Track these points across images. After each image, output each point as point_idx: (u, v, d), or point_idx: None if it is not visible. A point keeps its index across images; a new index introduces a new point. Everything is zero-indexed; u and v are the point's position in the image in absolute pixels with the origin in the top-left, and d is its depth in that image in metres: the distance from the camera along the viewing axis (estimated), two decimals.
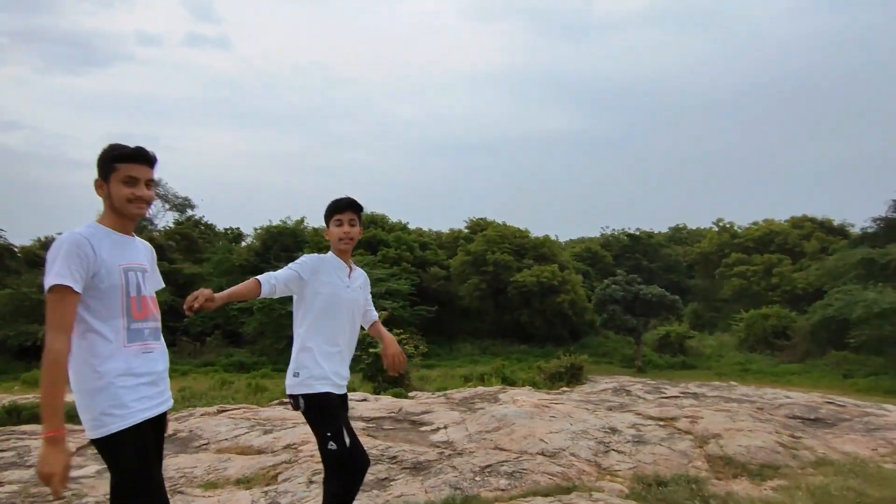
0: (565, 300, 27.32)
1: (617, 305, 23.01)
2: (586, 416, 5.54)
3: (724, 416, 6.05)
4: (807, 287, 27.04)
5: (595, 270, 37.23)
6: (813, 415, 7.03)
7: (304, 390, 2.48)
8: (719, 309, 32.79)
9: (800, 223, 34.43)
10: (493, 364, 17.64)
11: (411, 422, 5.68)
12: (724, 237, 36.57)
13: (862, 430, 6.32)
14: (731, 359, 24.29)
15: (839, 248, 29.57)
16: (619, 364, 24.48)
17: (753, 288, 30.14)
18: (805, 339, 22.86)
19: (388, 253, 31.47)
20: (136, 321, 1.90)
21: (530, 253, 30.68)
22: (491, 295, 29.71)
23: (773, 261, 30.82)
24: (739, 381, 15.72)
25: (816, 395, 9.56)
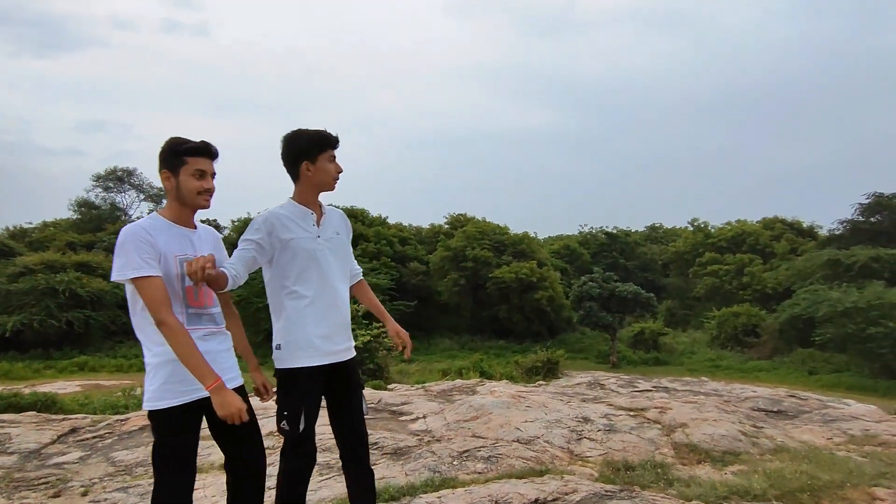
0: (543, 297, 27.70)
1: (594, 302, 23.44)
2: (560, 407, 5.75)
3: (691, 407, 6.32)
4: (776, 287, 27.85)
5: (573, 268, 37.75)
6: (776, 407, 7.35)
7: (282, 364, 2.23)
8: (692, 307, 33.56)
9: (771, 224, 35.41)
10: (472, 359, 17.87)
11: (391, 412, 5.82)
12: (698, 237, 37.40)
13: (819, 421, 6.65)
14: (702, 355, 24.95)
15: (807, 249, 30.52)
16: (595, 360, 24.97)
17: (725, 287, 30.93)
18: (773, 336, 23.60)
19: (367, 247, 31.47)
20: (194, 307, 2.01)
21: (509, 249, 30.99)
22: (470, 291, 29.95)
23: (744, 260, 31.65)
24: (710, 376, 16.20)
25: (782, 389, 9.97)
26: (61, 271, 25.28)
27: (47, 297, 23.94)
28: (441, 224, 38.57)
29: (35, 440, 4.82)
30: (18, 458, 4.31)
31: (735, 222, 36.93)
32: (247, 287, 26.58)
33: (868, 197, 28.82)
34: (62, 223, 34.58)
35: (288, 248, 2.19)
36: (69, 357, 22.52)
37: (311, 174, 2.23)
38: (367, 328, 12.71)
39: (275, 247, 2.18)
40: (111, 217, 35.02)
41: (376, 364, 12.11)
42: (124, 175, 36.48)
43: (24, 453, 4.48)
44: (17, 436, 4.88)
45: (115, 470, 3.96)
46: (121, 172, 36.58)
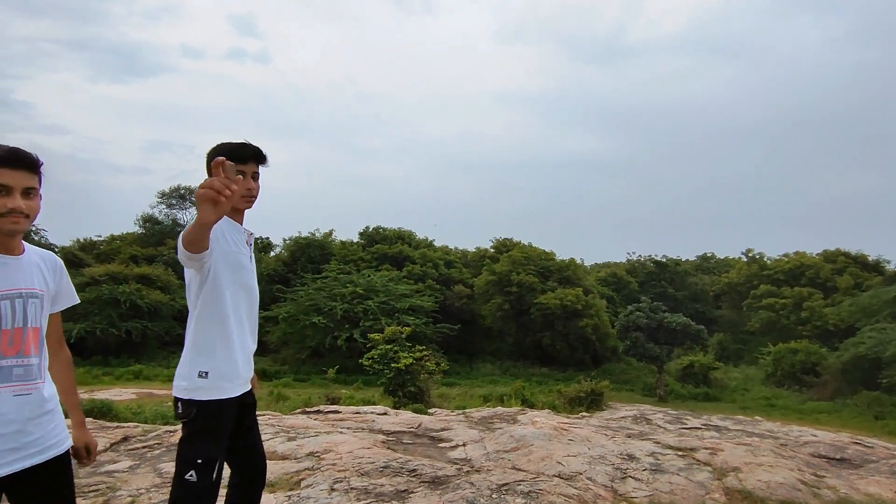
0: (588, 325, 27.09)
1: (640, 332, 22.73)
2: (605, 442, 5.57)
3: (744, 449, 5.99)
4: (838, 323, 26.29)
5: (620, 296, 36.84)
6: (839, 454, 6.88)
7: (211, 395, 1.95)
8: (746, 341, 32.04)
9: (832, 257, 33.57)
10: (513, 385, 17.58)
11: (430, 437, 5.78)
12: (752, 268, 35.85)
13: (888, 472, 6.18)
14: (756, 393, 23.67)
15: (873, 284, 28.73)
16: (641, 392, 24.09)
17: (782, 321, 29.41)
18: (835, 376, 22.17)
19: (413, 269, 31.76)
20: (5, 357, 1.57)
21: (555, 275, 30.59)
22: (514, 316, 29.63)
23: (803, 294, 30.07)
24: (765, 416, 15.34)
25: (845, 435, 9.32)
26: (123, 283, 26.67)
27: (110, 307, 25.27)
28: (487, 248, 38.56)
29: None
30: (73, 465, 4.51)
31: (793, 254, 35.23)
32: (294, 304, 27.26)
33: None
34: (127, 237, 36.56)
35: (228, 262, 2.01)
36: (126, 365, 23.60)
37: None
38: (410, 351, 12.73)
39: (215, 249, 1.91)
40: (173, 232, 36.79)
41: (417, 387, 12.09)
42: (186, 192, 38.35)
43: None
44: None
45: (162, 481, 4.08)
46: (183, 190, 38.49)
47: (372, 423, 6.32)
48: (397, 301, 27.06)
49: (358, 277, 28.99)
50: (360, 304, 26.17)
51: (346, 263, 32.73)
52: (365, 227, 38.57)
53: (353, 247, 36.15)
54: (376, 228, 38.37)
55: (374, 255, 34.32)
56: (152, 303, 26.49)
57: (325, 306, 26.08)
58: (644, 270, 41.56)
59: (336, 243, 37.51)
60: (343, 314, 25.58)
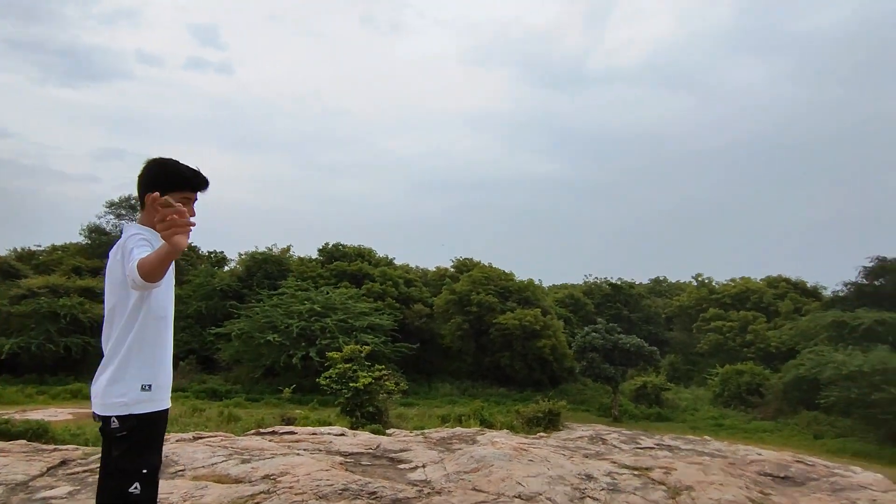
0: (546, 345, 27.42)
1: (596, 353, 23.17)
2: (563, 462, 5.62)
3: (697, 468, 6.17)
4: (780, 346, 27.55)
5: (577, 317, 37.51)
6: (783, 473, 7.14)
7: (154, 407, 1.93)
8: (696, 362, 33.11)
9: (775, 283, 35.32)
10: (472, 405, 17.55)
11: (389, 459, 5.71)
12: (702, 292, 37.28)
13: (828, 490, 6.45)
14: (705, 413, 24.42)
15: (812, 309, 30.33)
16: (596, 412, 24.46)
17: (729, 344, 30.60)
18: (778, 397, 23.16)
19: (373, 287, 31.48)
20: None
21: (514, 296, 30.91)
22: (473, 336, 29.70)
23: (748, 318, 31.43)
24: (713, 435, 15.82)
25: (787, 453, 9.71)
26: (65, 295, 25.31)
27: (48, 321, 23.90)
28: (447, 267, 38.66)
29: (23, 471, 4.71)
30: (5, 491, 4.22)
31: (739, 279, 36.87)
32: (248, 321, 26.47)
33: (872, 260, 28.86)
34: (70, 247, 34.84)
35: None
36: (63, 383, 22.30)
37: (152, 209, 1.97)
38: (369, 370, 12.51)
39: None
40: None
41: (376, 407, 11.87)
42: (137, 203, 36.90)
43: (12, 485, 4.38)
44: (5, 466, 4.79)
45: None
46: (134, 200, 37.09)
47: (329, 444, 6.19)
48: (356, 319, 26.70)
49: (316, 294, 28.50)
50: (317, 321, 25.68)
51: (304, 280, 32.13)
52: (324, 244, 38.08)
53: (312, 263, 35.59)
54: (336, 245, 37.93)
55: (333, 272, 33.86)
56: (95, 317, 25.21)
57: (280, 324, 25.44)
58: (600, 292, 42.52)
59: (294, 259, 36.82)
60: (299, 332, 25.03)
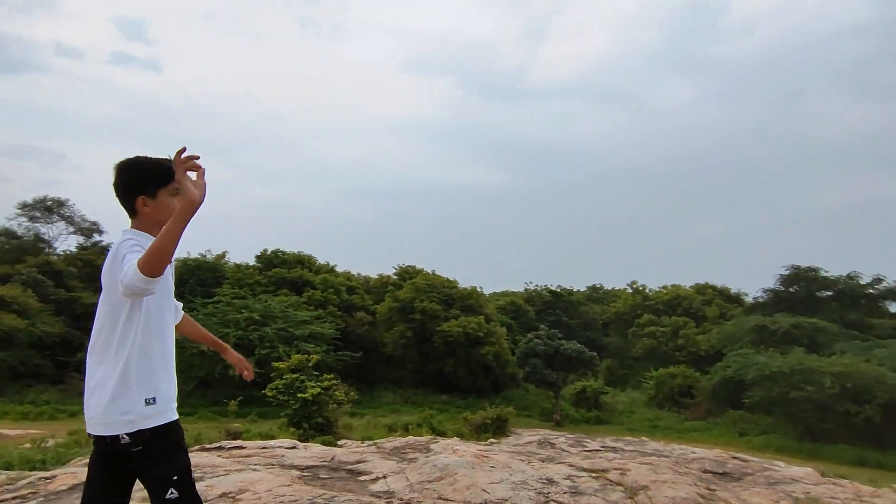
0: (490, 352, 27.68)
1: (539, 359, 23.62)
2: (523, 467, 5.65)
3: (647, 468, 6.36)
4: (708, 349, 29.13)
5: (518, 324, 38.13)
6: (721, 469, 7.51)
7: (158, 421, 1.84)
8: (631, 366, 34.45)
9: (703, 290, 37.43)
10: (420, 414, 17.41)
11: (348, 471, 5.53)
12: (637, 299, 38.91)
13: (764, 483, 6.83)
14: (641, 415, 25.40)
15: (735, 314, 32.34)
16: (538, 417, 24.90)
17: (662, 348, 32.06)
18: (707, 397, 24.45)
19: (314, 295, 30.72)
20: None
21: (457, 303, 31.03)
22: (416, 343, 29.55)
23: (679, 323, 33.08)
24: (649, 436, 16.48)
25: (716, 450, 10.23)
26: None
27: None
28: (390, 275, 38.34)
29: None
30: None
31: (670, 286, 38.80)
32: None
33: (787, 269, 31.19)
34: None
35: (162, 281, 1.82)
36: None
37: (150, 211, 1.91)
38: (318, 379, 12.11)
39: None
40: (34, 249, 32.62)
41: (325, 418, 11.48)
42: (54, 205, 34.33)
43: None
44: None
45: None
46: (50, 202, 34.45)
47: (282, 458, 5.93)
48: (296, 328, 25.93)
49: (254, 302, 27.47)
50: (255, 330, 24.74)
51: (241, 287, 30.93)
52: (263, 251, 36.82)
53: (249, 270, 34.32)
54: (275, 251, 36.77)
55: (272, 280, 32.79)
56: (6, 329, 23.14)
57: (216, 333, 24.28)
58: (540, 299, 43.47)
59: (230, 266, 35.40)
60: (237, 341, 23.98)
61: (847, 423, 18.21)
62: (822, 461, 16.16)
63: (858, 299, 29.43)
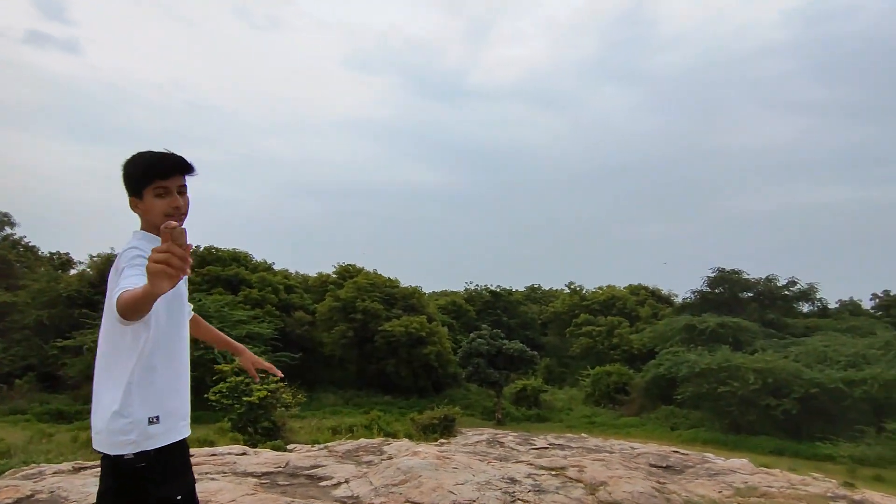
0: (432, 352, 27.66)
1: (482, 359, 23.85)
2: (485, 467, 5.64)
3: (601, 465, 6.51)
4: (641, 348, 30.44)
5: (459, 323, 38.36)
6: (665, 463, 7.82)
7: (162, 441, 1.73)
8: (568, 365, 35.46)
9: (636, 290, 39.11)
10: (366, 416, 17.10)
11: (307, 476, 5.32)
12: (574, 299, 40.11)
13: (706, 475, 7.16)
14: (579, 412, 26.20)
15: (666, 314, 34.01)
16: (480, 416, 25.14)
17: (598, 347, 33.21)
18: (640, 394, 25.55)
19: (250, 294, 29.60)
20: None
21: (400, 303, 30.83)
22: (357, 343, 29.10)
23: (614, 323, 34.39)
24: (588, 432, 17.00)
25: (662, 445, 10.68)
26: None
27: None
28: (329, 274, 37.55)
29: None
30: None
31: (606, 287, 40.28)
32: None
33: (713, 271, 33.18)
34: None
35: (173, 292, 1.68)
36: None
37: (141, 212, 1.83)
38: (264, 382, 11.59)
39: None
40: None
41: (272, 422, 10.98)
42: None
43: None
44: None
45: None
46: None
47: (234, 465, 5.61)
48: (233, 328, 24.83)
49: None
50: None
51: None
52: (195, 247, 35.09)
53: None
54: (209, 248, 35.15)
55: (206, 278, 31.31)
56: None
57: None
58: (481, 299, 43.95)
59: None
60: None
61: (767, 415, 19.57)
62: (746, 452, 17.27)
63: (775, 300, 31.75)
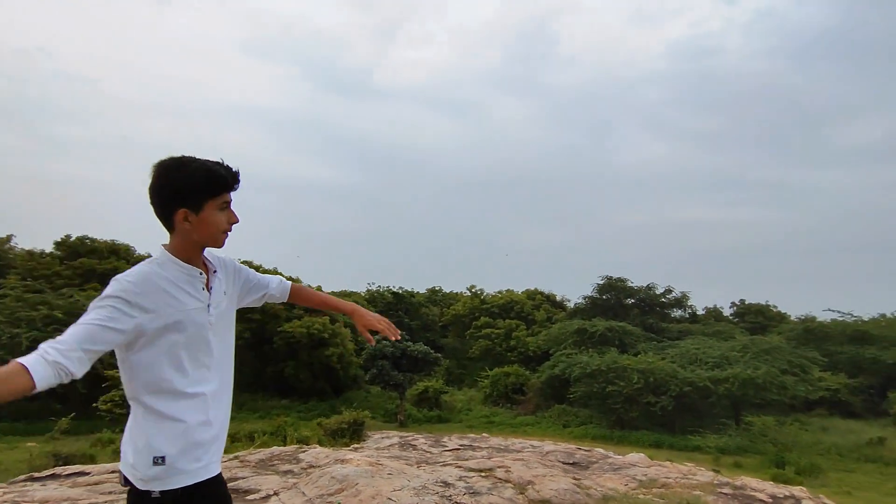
0: (334, 353, 27.02)
1: (386, 361, 23.71)
2: (418, 472, 5.63)
3: (522, 464, 6.76)
4: (537, 350, 31.97)
5: None
6: (571, 460, 8.29)
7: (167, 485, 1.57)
8: (467, 366, 36.33)
9: (532, 295, 41.00)
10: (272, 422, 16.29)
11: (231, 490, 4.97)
12: (475, 302, 41.17)
13: (610, 469, 7.69)
14: (478, 412, 26.92)
15: (560, 318, 36.03)
16: (382, 419, 24.97)
17: (497, 349, 34.37)
18: (536, 394, 26.82)
19: None
20: None
21: None
22: (254, 345, 27.64)
23: (512, 325, 35.79)
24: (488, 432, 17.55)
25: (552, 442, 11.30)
26: None
27: None
28: None
29: None
30: None
31: (505, 291, 41.80)
32: None
33: (602, 279, 35.76)
34: None
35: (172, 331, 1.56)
36: None
37: (191, 228, 1.62)
38: None
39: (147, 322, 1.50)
40: None
41: None
42: None
43: None
44: None
45: None
46: None
47: None
48: None
49: (55, 298, 23.27)
50: (57, 331, 20.69)
51: (36, 279, 26.04)
52: (64, 236, 31.36)
53: (46, 259, 29.03)
54: (81, 238, 31.55)
55: (78, 272, 28.10)
56: None
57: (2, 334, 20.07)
58: (383, 300, 43.67)
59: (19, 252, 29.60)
60: (31, 345, 20.05)
61: (648, 412, 21.42)
62: (629, 446, 18.75)
63: (654, 306, 34.90)
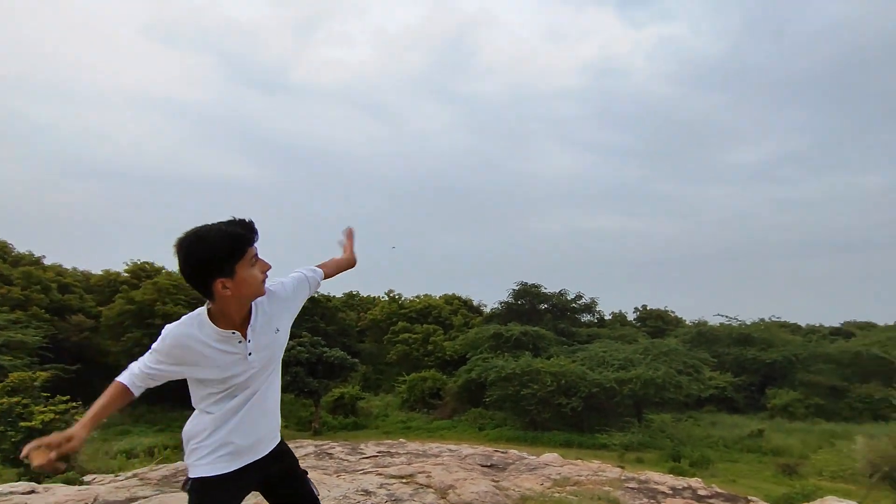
0: None
1: (301, 368, 22.94)
2: (337, 482, 5.49)
3: (442, 469, 6.78)
4: (454, 354, 32.28)
5: None
6: (489, 462, 8.44)
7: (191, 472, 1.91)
8: (384, 371, 36.01)
9: (450, 300, 41.43)
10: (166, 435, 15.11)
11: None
12: (393, 307, 40.93)
13: (527, 470, 7.91)
14: (395, 418, 26.73)
15: (476, 323, 36.66)
16: (295, 427, 24.11)
17: (414, 353, 34.33)
18: (453, 398, 27.05)
19: (10, 292, 24.30)
20: None
21: None
22: None
23: (430, 330, 35.92)
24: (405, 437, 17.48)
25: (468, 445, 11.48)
26: None
27: None
28: (119, 272, 32.61)
29: None
30: None
31: (423, 296, 41.92)
32: None
33: (517, 285, 36.84)
34: None
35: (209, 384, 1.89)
36: None
37: (232, 293, 1.75)
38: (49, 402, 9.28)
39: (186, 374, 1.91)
40: None
41: None
42: None
43: None
44: None
45: None
46: None
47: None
48: None
49: None
50: None
51: None
52: None
53: None
54: None
55: None
56: None
57: None
58: None
59: None
60: None
61: (559, 413, 22.28)
62: (541, 446, 19.38)
63: (566, 312, 36.46)
